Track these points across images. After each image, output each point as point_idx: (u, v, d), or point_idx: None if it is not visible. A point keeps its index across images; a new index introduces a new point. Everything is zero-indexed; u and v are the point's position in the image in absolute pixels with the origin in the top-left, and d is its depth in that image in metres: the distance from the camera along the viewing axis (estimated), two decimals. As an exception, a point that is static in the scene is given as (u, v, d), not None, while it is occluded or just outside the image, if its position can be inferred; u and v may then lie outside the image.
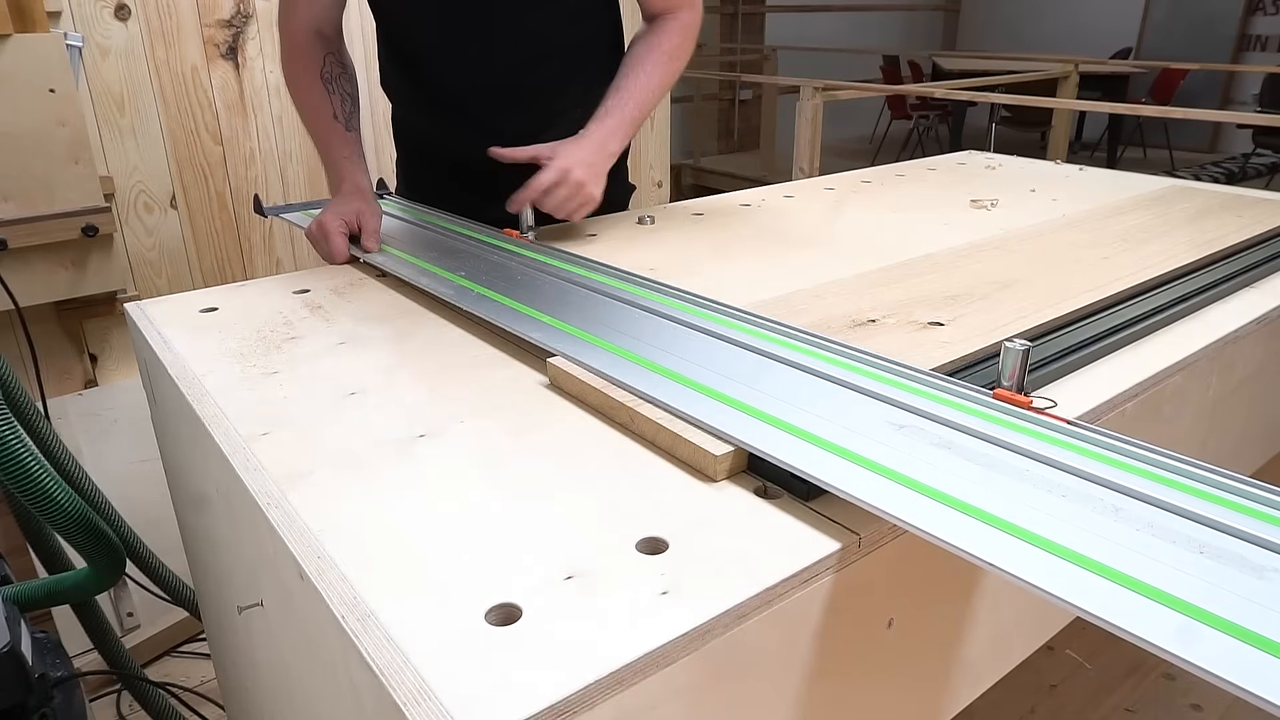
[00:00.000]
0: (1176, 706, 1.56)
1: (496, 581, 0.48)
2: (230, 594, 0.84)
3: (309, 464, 0.62)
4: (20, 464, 0.98)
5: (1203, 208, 1.27)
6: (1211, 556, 0.46)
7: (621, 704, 0.42)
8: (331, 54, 1.23)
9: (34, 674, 0.96)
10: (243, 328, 0.89)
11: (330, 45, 1.24)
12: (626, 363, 0.73)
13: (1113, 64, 6.65)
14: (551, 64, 1.27)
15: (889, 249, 1.11)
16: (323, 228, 1.11)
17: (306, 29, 1.22)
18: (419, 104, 1.36)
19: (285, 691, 0.70)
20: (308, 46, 1.22)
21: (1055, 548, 0.47)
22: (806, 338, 0.77)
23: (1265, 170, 5.74)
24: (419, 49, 1.29)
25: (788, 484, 0.57)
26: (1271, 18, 7.11)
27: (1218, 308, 0.93)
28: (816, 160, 3.79)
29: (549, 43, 1.26)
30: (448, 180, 1.37)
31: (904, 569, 0.57)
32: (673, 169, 3.40)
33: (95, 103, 1.80)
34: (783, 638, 0.50)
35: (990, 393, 0.66)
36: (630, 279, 0.96)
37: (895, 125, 7.17)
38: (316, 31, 1.23)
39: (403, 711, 0.40)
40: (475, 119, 1.28)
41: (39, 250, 1.54)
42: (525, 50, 1.25)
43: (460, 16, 1.22)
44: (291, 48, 1.23)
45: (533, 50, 1.25)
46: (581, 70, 1.30)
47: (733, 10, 7.03)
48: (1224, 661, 0.39)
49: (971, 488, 0.53)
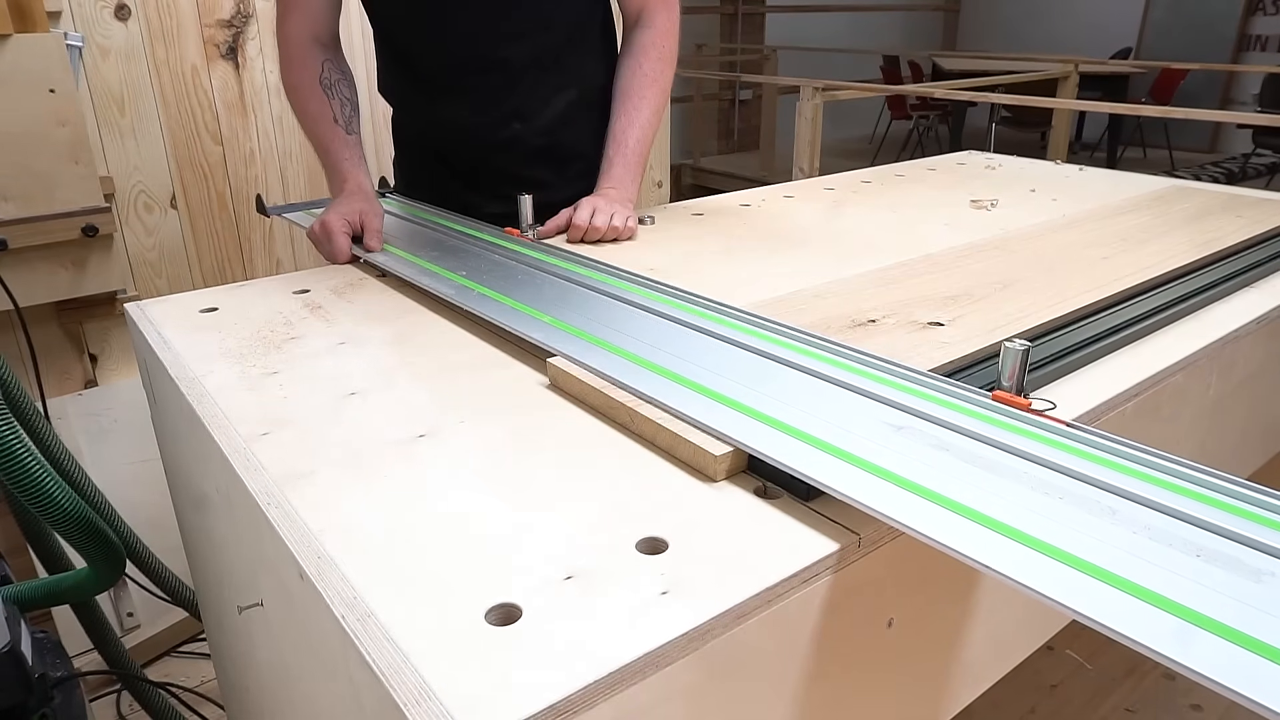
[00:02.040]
0: (1176, 707, 1.55)
1: (496, 581, 0.48)
2: (230, 594, 0.84)
3: (309, 464, 0.62)
4: (20, 464, 0.98)
5: (1203, 208, 1.27)
6: (1208, 560, 0.47)
7: (621, 704, 0.42)
8: (329, 60, 1.25)
9: (34, 674, 0.96)
10: (243, 328, 0.89)
11: (327, 52, 1.25)
12: (626, 363, 0.73)
13: (1113, 64, 6.65)
14: (543, 39, 1.28)
15: (889, 249, 1.11)
16: (325, 227, 1.11)
17: (303, 37, 1.23)
18: (416, 99, 1.37)
19: (285, 691, 0.70)
20: (305, 54, 1.23)
21: (1052, 550, 0.47)
22: (806, 338, 0.77)
23: (1265, 170, 5.74)
24: (412, 36, 1.29)
25: (787, 484, 0.57)
26: (1271, 18, 7.11)
27: (1218, 308, 0.93)
28: (816, 160, 3.79)
29: (539, 18, 1.27)
30: (449, 180, 1.37)
31: (904, 569, 0.57)
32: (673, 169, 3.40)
33: (95, 103, 1.80)
34: (782, 638, 0.50)
35: (990, 395, 0.66)
36: (630, 279, 0.96)
37: (895, 125, 7.16)
38: (314, 38, 1.24)
39: (403, 711, 0.40)
40: (472, 102, 1.29)
41: (39, 250, 1.54)
42: (516, 26, 1.26)
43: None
44: (289, 56, 1.24)
45: (523, 26, 1.26)
46: (575, 47, 1.31)
47: (733, 10, 7.04)
48: (1220, 665, 0.39)
49: (968, 490, 0.53)
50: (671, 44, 1.30)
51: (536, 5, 1.25)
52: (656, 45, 1.29)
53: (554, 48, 1.29)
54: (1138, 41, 7.74)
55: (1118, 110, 3.84)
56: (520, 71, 1.28)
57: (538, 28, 1.27)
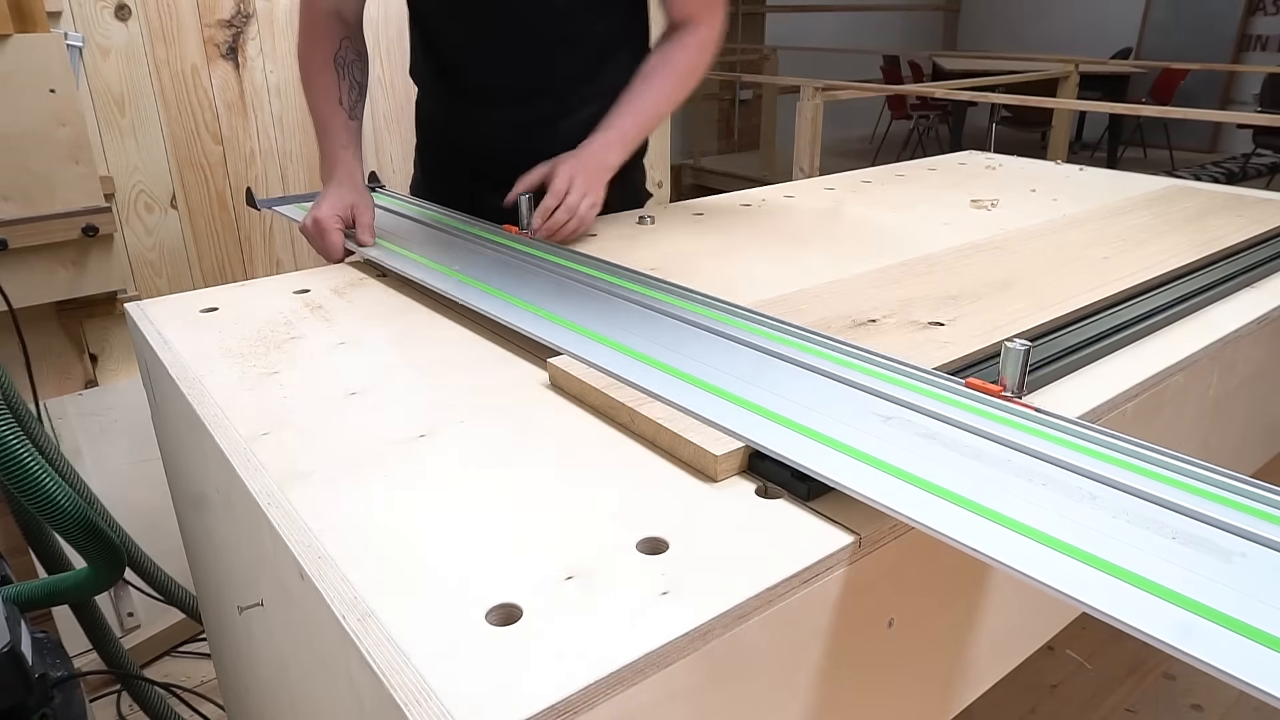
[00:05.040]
0: (1177, 706, 1.56)
1: (497, 581, 0.48)
2: (230, 594, 0.84)
3: (309, 464, 0.62)
4: (20, 464, 0.98)
5: (1203, 208, 1.27)
6: (1183, 542, 0.49)
7: (622, 704, 0.42)
8: (348, 38, 1.23)
9: (34, 674, 0.96)
10: (243, 328, 0.89)
11: (348, 29, 1.24)
12: (627, 358, 0.74)
13: (1113, 64, 6.65)
14: (580, 49, 1.27)
15: (889, 249, 1.11)
16: (318, 224, 1.11)
17: (327, 9, 1.22)
18: (444, 93, 1.37)
19: (285, 691, 0.70)
20: (326, 27, 1.22)
21: (1038, 534, 0.49)
22: (807, 335, 0.78)
23: (1265, 170, 5.74)
24: (448, 34, 1.29)
25: (788, 484, 0.57)
26: (1271, 18, 7.11)
27: (1218, 308, 0.93)
28: (816, 160, 3.79)
29: (572, 30, 1.26)
30: (468, 180, 1.37)
31: (904, 569, 0.57)
32: (673, 169, 3.40)
33: (95, 103, 1.80)
34: (783, 638, 0.50)
35: (963, 382, 0.68)
36: (630, 276, 0.96)
37: (895, 125, 7.17)
38: (336, 13, 1.23)
39: (403, 712, 0.40)
40: (500, 105, 1.28)
41: (39, 250, 1.54)
42: (548, 37, 1.25)
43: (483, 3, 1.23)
44: (310, 25, 1.22)
45: (564, 33, 1.25)
46: (609, 60, 1.30)
47: (733, 10, 6.97)
48: (1185, 635, 0.41)
49: (955, 476, 0.55)
50: (707, 57, 1.27)
51: (577, 15, 1.25)
52: (693, 47, 1.25)
53: (587, 57, 1.28)
54: (1138, 41, 7.74)
55: (1118, 110, 3.84)
56: (553, 82, 1.27)
57: (571, 39, 1.26)
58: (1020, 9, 8.56)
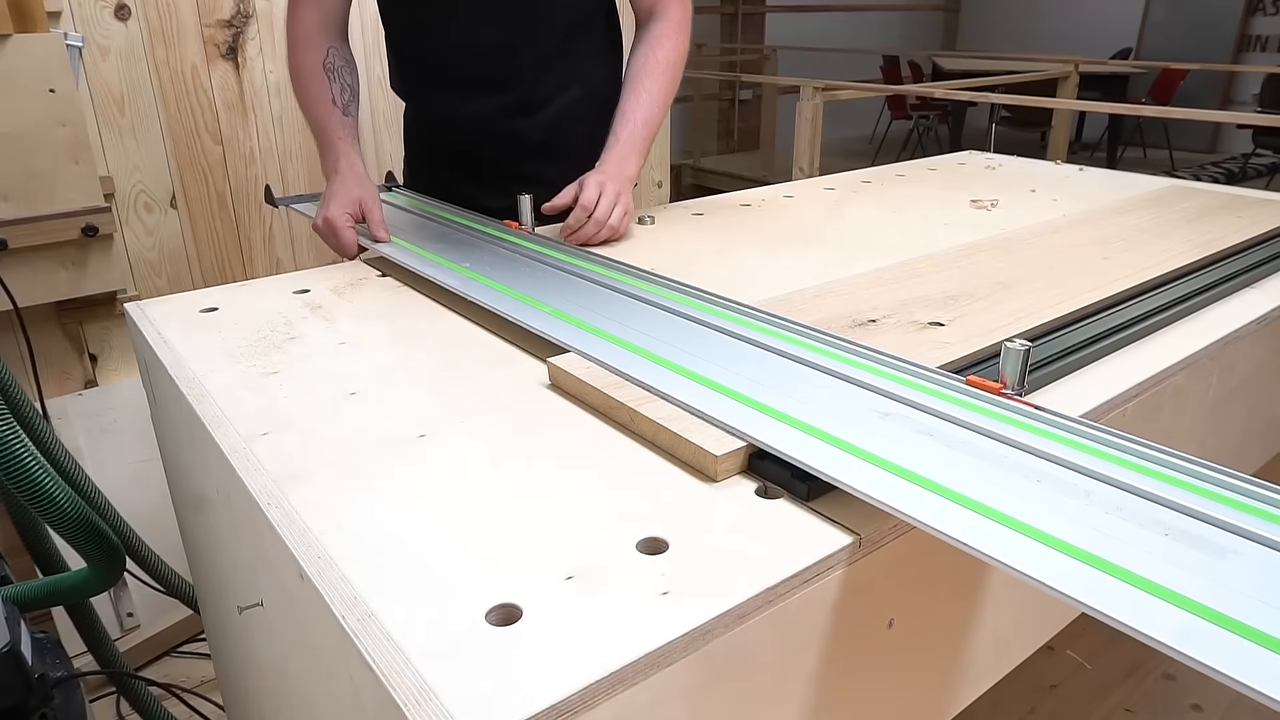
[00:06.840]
0: (1177, 707, 1.55)
1: (497, 581, 0.48)
2: (230, 594, 0.84)
3: (309, 464, 0.62)
4: (20, 464, 0.98)
5: (1203, 208, 1.27)
6: (1176, 539, 0.49)
7: (622, 704, 0.42)
8: (334, 47, 1.27)
9: (34, 674, 0.96)
10: (243, 328, 0.89)
11: (334, 39, 1.28)
12: (629, 354, 0.74)
13: (1113, 64, 6.65)
14: (542, 29, 1.29)
15: (889, 249, 1.11)
16: (330, 224, 1.12)
17: (312, 23, 1.26)
18: (418, 89, 1.40)
19: (285, 691, 0.70)
20: (313, 37, 1.25)
21: (1031, 531, 0.49)
22: (809, 333, 0.78)
23: (1265, 170, 5.74)
24: (415, 24, 1.32)
25: (788, 484, 0.57)
26: (1271, 18, 7.10)
27: (1218, 308, 0.93)
28: (816, 160, 3.79)
29: (538, 7, 1.28)
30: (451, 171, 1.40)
31: (904, 569, 0.57)
32: (673, 169, 3.40)
33: (95, 103, 1.80)
34: (783, 638, 0.50)
35: (964, 379, 0.68)
36: (633, 273, 0.96)
37: (895, 125, 7.16)
38: (322, 24, 1.26)
39: (403, 712, 0.40)
40: (472, 92, 1.31)
41: (39, 250, 1.54)
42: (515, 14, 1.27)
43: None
44: (296, 39, 1.26)
45: (522, 14, 1.28)
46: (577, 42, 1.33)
47: (733, 10, 7.04)
48: (1186, 638, 0.41)
49: (951, 473, 0.55)
50: (684, 37, 1.32)
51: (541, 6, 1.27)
52: (670, 36, 1.30)
53: (554, 38, 1.30)
54: (1138, 41, 7.74)
55: (1118, 110, 3.84)
56: (520, 62, 1.29)
57: (536, 17, 1.28)
58: (1020, 9, 8.55)
